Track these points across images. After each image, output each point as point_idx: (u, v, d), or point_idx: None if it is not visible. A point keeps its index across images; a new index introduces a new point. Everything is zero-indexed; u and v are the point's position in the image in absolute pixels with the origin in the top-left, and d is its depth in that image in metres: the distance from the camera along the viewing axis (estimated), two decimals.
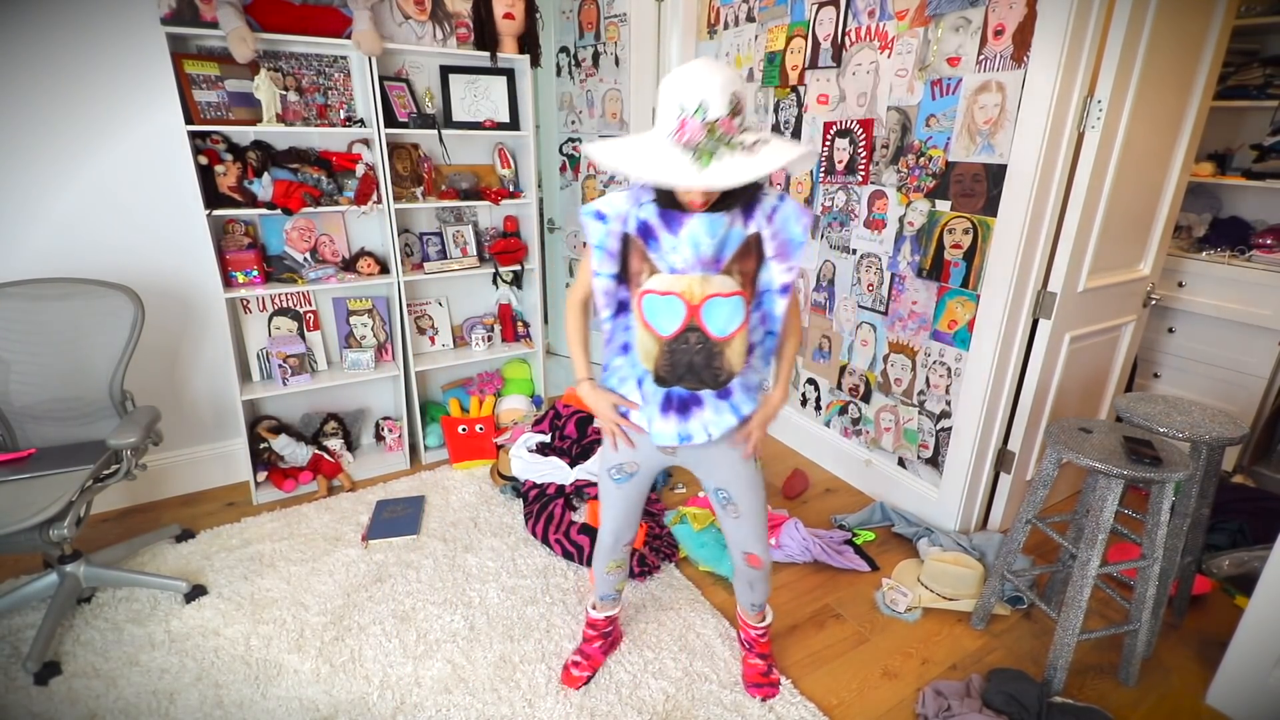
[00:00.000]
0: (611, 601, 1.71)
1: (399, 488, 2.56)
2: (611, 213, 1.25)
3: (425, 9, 2.47)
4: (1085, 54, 1.80)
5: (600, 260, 1.26)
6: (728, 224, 1.21)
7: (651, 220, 1.23)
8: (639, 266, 1.26)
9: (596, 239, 1.26)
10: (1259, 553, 2.04)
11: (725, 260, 1.23)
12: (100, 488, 1.78)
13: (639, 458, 1.46)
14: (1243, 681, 1.61)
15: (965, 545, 2.18)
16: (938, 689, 1.66)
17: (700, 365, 1.24)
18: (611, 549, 1.60)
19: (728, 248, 1.23)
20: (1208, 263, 2.70)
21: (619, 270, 1.28)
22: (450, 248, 2.77)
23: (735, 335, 1.23)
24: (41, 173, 2.08)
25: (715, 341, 1.23)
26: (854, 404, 2.67)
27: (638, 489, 1.52)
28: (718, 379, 1.26)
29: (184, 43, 2.13)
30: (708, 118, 1.10)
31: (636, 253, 1.25)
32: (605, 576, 1.65)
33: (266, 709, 1.60)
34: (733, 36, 2.95)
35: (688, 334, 1.22)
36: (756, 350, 1.33)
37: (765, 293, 1.28)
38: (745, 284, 1.24)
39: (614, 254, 1.26)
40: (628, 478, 1.48)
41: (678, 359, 1.24)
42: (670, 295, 1.21)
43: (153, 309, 2.20)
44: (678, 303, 1.21)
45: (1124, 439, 1.60)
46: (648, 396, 1.35)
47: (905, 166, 2.27)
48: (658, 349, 1.25)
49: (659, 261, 1.24)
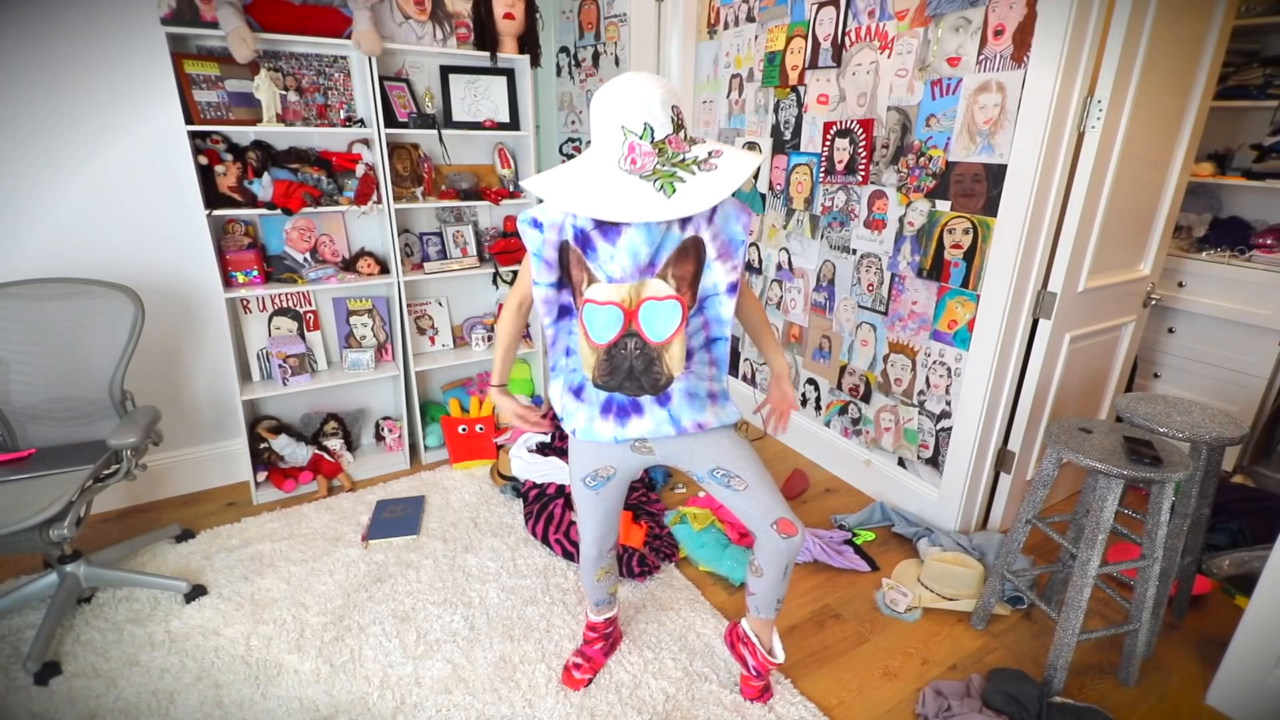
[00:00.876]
0: (607, 605, 1.70)
1: (399, 488, 2.56)
2: (547, 221, 1.23)
3: (425, 9, 2.47)
4: (1085, 54, 1.80)
5: (539, 269, 1.25)
6: (664, 229, 1.20)
7: (587, 229, 1.21)
8: (579, 275, 1.25)
9: (533, 247, 1.24)
10: (1259, 553, 2.04)
11: (660, 265, 1.22)
12: (100, 488, 1.78)
13: (614, 460, 1.41)
14: (1243, 681, 1.61)
15: (965, 545, 2.18)
16: (938, 689, 1.66)
17: (639, 370, 1.25)
18: (596, 559, 1.58)
19: (663, 251, 1.21)
20: (1208, 263, 2.70)
21: (559, 278, 1.26)
22: (450, 248, 2.77)
23: (672, 339, 1.23)
24: (42, 173, 2.08)
25: (652, 346, 1.23)
26: (854, 404, 2.67)
27: (615, 493, 1.48)
28: (657, 384, 1.26)
29: (184, 43, 2.13)
30: (655, 139, 1.09)
31: (576, 261, 1.24)
32: (595, 585, 1.64)
33: (266, 709, 1.60)
34: (733, 36, 2.95)
35: (625, 339, 1.23)
36: (698, 356, 1.30)
37: (709, 297, 1.26)
38: (682, 288, 1.23)
39: (551, 263, 1.25)
40: (603, 483, 1.45)
41: (616, 364, 1.25)
42: (609, 305, 1.22)
43: (153, 309, 2.20)
44: (615, 311, 1.22)
45: (1124, 439, 1.60)
46: (589, 399, 1.33)
47: (905, 166, 2.27)
48: (595, 357, 1.26)
49: (597, 271, 1.22)
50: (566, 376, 1.36)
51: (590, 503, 1.48)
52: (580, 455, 1.43)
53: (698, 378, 1.31)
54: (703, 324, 1.28)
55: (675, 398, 1.30)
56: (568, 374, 1.36)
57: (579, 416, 1.35)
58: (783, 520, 1.36)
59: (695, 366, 1.30)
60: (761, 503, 1.37)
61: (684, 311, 1.23)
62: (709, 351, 1.32)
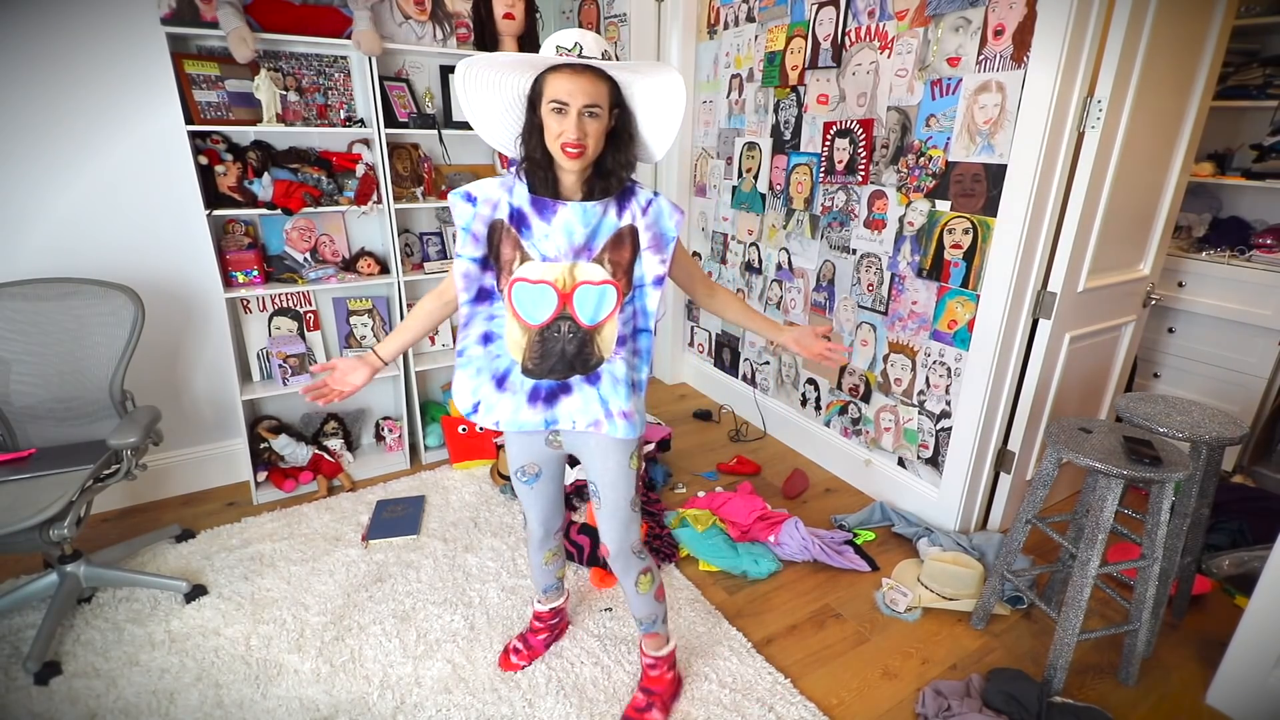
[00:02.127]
0: (555, 592, 1.74)
1: (399, 488, 2.56)
2: (481, 196, 1.24)
3: (425, 9, 2.47)
4: (1085, 54, 1.80)
5: (464, 242, 1.24)
6: (600, 213, 1.22)
7: (525, 207, 1.23)
8: (510, 254, 1.25)
9: (462, 222, 1.24)
10: (1259, 553, 2.04)
11: (597, 249, 1.24)
12: (100, 488, 1.78)
13: (534, 458, 1.46)
14: (1243, 681, 1.61)
15: (965, 545, 2.18)
16: (938, 689, 1.66)
17: (572, 354, 1.27)
18: (542, 541, 1.61)
19: (599, 236, 1.24)
20: (1208, 263, 2.70)
21: (484, 255, 1.26)
22: (450, 248, 2.77)
23: (605, 322, 1.26)
24: (42, 173, 2.08)
25: (585, 330, 1.26)
26: (854, 404, 2.67)
27: (550, 485, 1.52)
28: (588, 364, 1.29)
29: (184, 43, 2.14)
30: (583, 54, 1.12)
31: (509, 240, 1.24)
32: (543, 568, 1.67)
33: (266, 709, 1.60)
34: (733, 36, 2.95)
35: (559, 322, 1.25)
36: (629, 344, 1.32)
37: (639, 287, 1.29)
38: (618, 274, 1.26)
39: (479, 238, 1.24)
40: (534, 479, 1.49)
41: (549, 348, 1.27)
42: (542, 284, 1.23)
43: (153, 309, 2.20)
44: (549, 291, 1.24)
45: (1124, 439, 1.60)
46: (513, 387, 1.33)
47: (905, 166, 2.27)
48: (527, 339, 1.27)
49: (531, 249, 1.24)
50: (485, 364, 1.33)
51: (526, 495, 1.53)
52: (510, 447, 1.47)
53: (625, 363, 1.32)
54: (633, 313, 1.31)
55: (604, 379, 1.31)
56: (489, 361, 1.33)
57: (502, 407, 1.33)
58: (603, 545, 1.48)
59: (623, 353, 1.32)
60: (603, 525, 1.46)
61: (619, 296, 1.26)
62: (634, 341, 1.34)
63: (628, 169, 1.25)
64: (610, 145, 1.22)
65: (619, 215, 1.25)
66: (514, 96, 1.22)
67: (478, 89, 1.21)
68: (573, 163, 1.17)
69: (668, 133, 1.25)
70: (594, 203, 1.22)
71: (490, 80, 1.20)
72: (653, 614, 1.55)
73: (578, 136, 1.15)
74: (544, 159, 1.21)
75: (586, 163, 1.20)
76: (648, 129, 1.25)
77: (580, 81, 1.13)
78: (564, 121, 1.14)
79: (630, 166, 1.25)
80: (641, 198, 1.26)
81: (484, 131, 1.27)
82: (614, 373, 1.31)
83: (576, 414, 1.33)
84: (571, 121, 1.14)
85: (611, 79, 1.17)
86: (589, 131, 1.16)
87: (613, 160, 1.22)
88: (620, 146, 1.23)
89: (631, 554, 1.47)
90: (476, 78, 1.19)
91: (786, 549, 2.16)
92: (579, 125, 1.14)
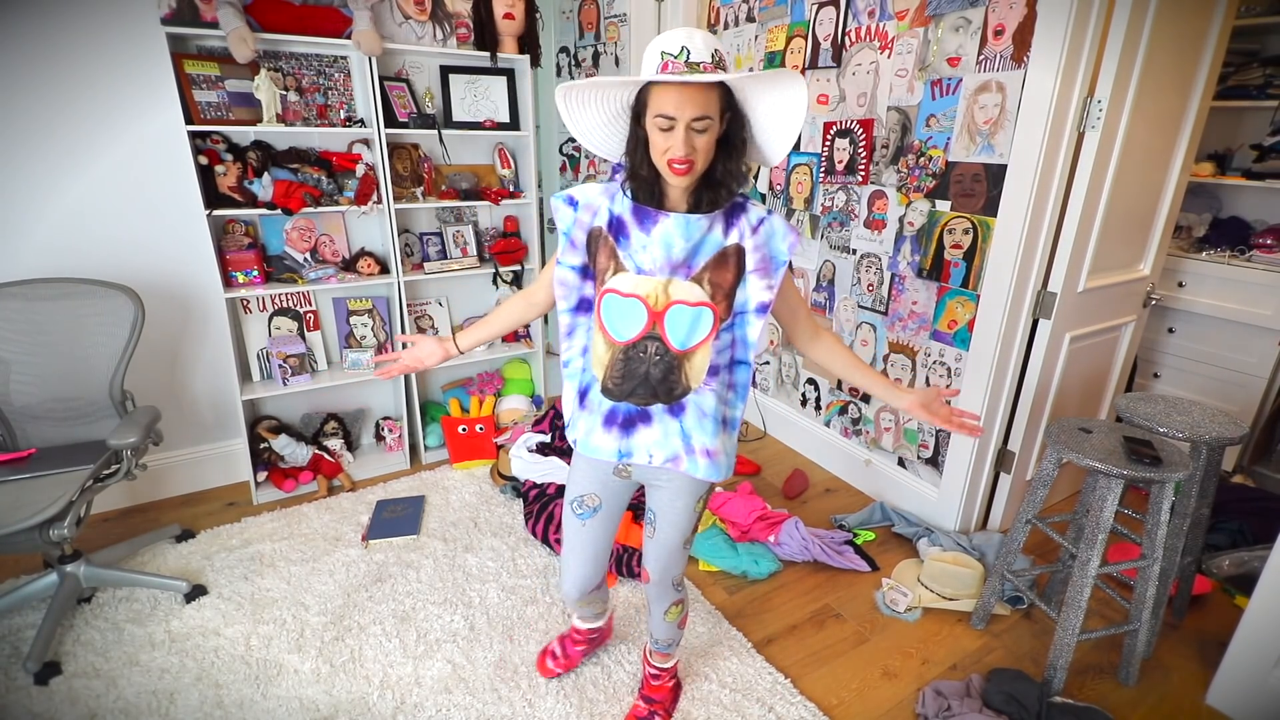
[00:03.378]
0: (594, 616, 1.67)
1: (399, 488, 2.56)
2: (583, 200, 1.18)
3: (425, 9, 2.47)
4: (1085, 54, 1.80)
5: (563, 248, 1.20)
6: (705, 228, 1.13)
7: (625, 215, 1.15)
8: (606, 263, 1.17)
9: (563, 226, 1.19)
10: (1259, 553, 2.04)
11: (697, 267, 1.14)
12: (100, 488, 1.78)
13: (597, 488, 1.32)
14: (1243, 681, 1.61)
15: (965, 545, 2.18)
16: (938, 689, 1.66)
17: (656, 379, 1.17)
18: (575, 602, 1.50)
19: (701, 254, 1.14)
20: (1208, 263, 2.70)
21: (583, 264, 1.21)
22: (450, 248, 2.77)
23: (697, 349, 1.15)
24: (42, 173, 2.08)
25: (674, 354, 1.15)
26: (854, 404, 2.67)
27: (603, 526, 1.37)
28: (672, 393, 1.18)
29: (184, 43, 2.13)
30: (690, 60, 1.02)
31: (605, 249, 1.17)
32: (579, 607, 1.57)
33: (266, 709, 1.60)
34: (733, 36, 2.95)
35: (646, 342, 1.15)
36: (722, 375, 1.21)
37: (740, 314, 1.18)
38: (717, 297, 1.15)
39: (578, 245, 1.19)
40: (590, 513, 1.35)
41: (632, 368, 1.17)
42: (633, 298, 1.14)
43: (153, 309, 2.19)
44: (639, 306, 1.14)
45: (1124, 439, 1.60)
46: (591, 406, 1.24)
47: (905, 166, 2.27)
48: (610, 356, 1.18)
49: (626, 260, 1.15)
50: (578, 377, 1.27)
51: (576, 533, 1.38)
52: (574, 472, 1.36)
53: (715, 396, 1.21)
54: (730, 342, 1.20)
55: (689, 411, 1.20)
56: (580, 374, 1.27)
57: (580, 426, 1.26)
58: (645, 570, 1.42)
59: (715, 385, 1.21)
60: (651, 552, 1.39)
61: (715, 321, 1.15)
62: (730, 374, 1.22)
63: (738, 180, 1.13)
64: (720, 154, 1.11)
65: (725, 232, 1.14)
66: (618, 108, 1.13)
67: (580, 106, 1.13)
68: (681, 179, 1.08)
69: (787, 138, 1.12)
70: (699, 216, 1.12)
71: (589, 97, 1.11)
72: (672, 639, 1.52)
73: (685, 152, 1.04)
74: (650, 174, 1.12)
75: (695, 177, 1.09)
76: (764, 134, 1.13)
77: (688, 92, 1.02)
78: (670, 137, 1.04)
79: (741, 178, 1.14)
80: (753, 215, 1.15)
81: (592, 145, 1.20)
82: (701, 405, 1.20)
83: (654, 447, 1.22)
84: (679, 137, 1.04)
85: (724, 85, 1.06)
86: (698, 146, 1.05)
87: (723, 170, 1.11)
88: (731, 155, 1.11)
89: (671, 586, 1.40)
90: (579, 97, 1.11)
91: (786, 549, 2.16)
92: (687, 140, 1.04)
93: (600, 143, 1.19)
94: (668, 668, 1.59)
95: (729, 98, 1.08)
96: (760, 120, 1.12)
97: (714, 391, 1.20)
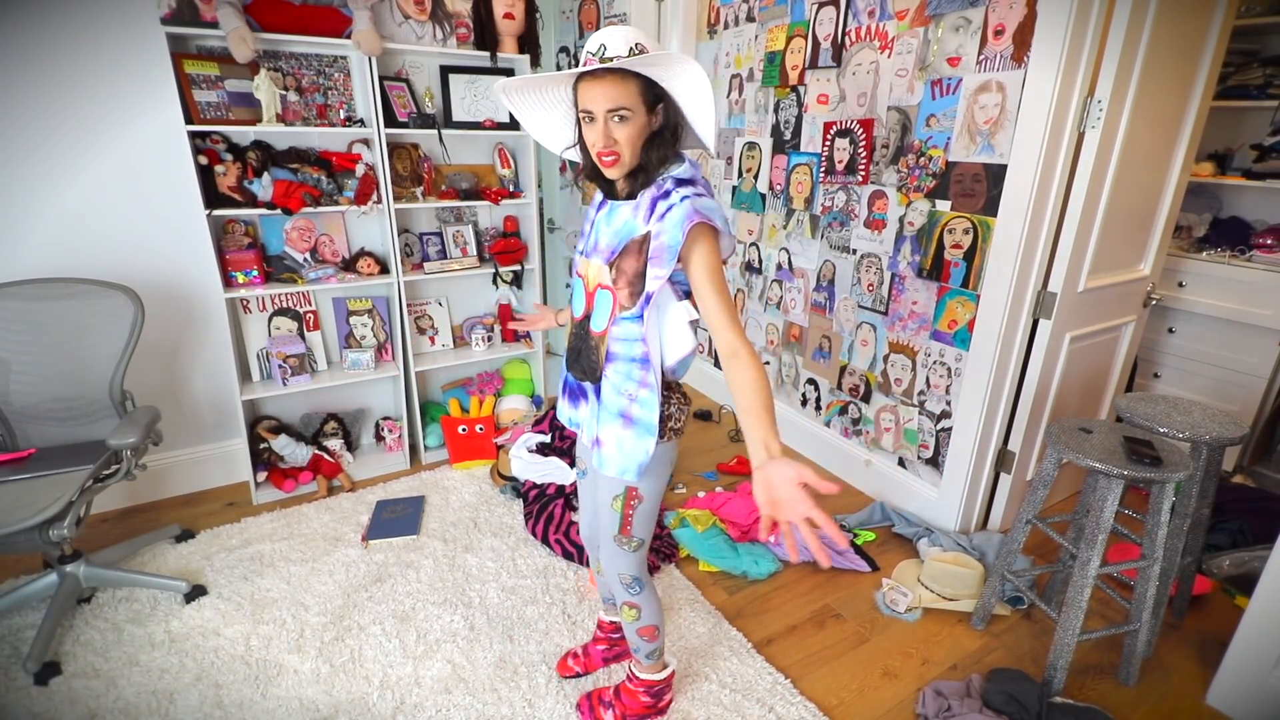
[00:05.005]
0: (613, 605, 1.69)
1: (399, 488, 2.56)
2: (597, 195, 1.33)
3: (425, 9, 2.47)
4: (1085, 54, 1.80)
5: None
6: (630, 214, 1.17)
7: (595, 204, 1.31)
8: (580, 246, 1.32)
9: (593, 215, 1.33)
10: (1259, 553, 2.04)
11: (618, 253, 1.18)
12: (100, 488, 1.78)
13: (582, 453, 1.44)
14: (1243, 681, 1.61)
15: (965, 545, 2.18)
16: (938, 689, 1.66)
17: (586, 357, 1.26)
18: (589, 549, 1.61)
19: (623, 240, 1.18)
20: (1208, 263, 2.70)
21: None
22: (450, 248, 2.77)
23: (604, 334, 1.21)
24: (42, 173, 2.08)
25: (593, 335, 1.24)
26: (854, 404, 2.67)
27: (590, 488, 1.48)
28: (592, 372, 1.25)
29: (184, 43, 2.13)
30: (605, 55, 1.08)
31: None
32: (598, 577, 1.67)
33: (266, 709, 1.59)
34: (733, 36, 2.95)
35: (586, 320, 1.25)
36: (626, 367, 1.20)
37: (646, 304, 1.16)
38: (620, 283, 1.17)
39: None
40: (582, 473, 1.49)
41: (573, 343, 1.29)
42: (578, 277, 1.27)
43: (153, 309, 2.20)
44: (580, 286, 1.26)
45: (1124, 439, 1.60)
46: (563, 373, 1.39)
47: (905, 166, 2.27)
48: (570, 328, 1.32)
49: (582, 243, 1.30)
50: None
51: (580, 487, 1.53)
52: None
53: (613, 387, 1.21)
54: (640, 335, 1.18)
55: (603, 395, 1.24)
56: None
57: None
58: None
59: (616, 376, 1.21)
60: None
61: (614, 305, 1.18)
62: (643, 368, 1.19)
63: (659, 166, 1.16)
64: (652, 143, 1.15)
65: (647, 219, 1.15)
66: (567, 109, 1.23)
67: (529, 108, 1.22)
68: (611, 170, 1.15)
69: (706, 119, 1.16)
70: (620, 203, 1.20)
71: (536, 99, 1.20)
72: (635, 646, 1.48)
73: (605, 144, 1.10)
74: (593, 166, 1.19)
75: (627, 168, 1.14)
76: (692, 119, 1.17)
77: (600, 86, 1.08)
78: (593, 130, 1.11)
79: (659, 163, 1.15)
80: (675, 199, 1.11)
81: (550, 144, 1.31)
82: (605, 391, 1.23)
83: (584, 424, 1.31)
84: (599, 129, 1.10)
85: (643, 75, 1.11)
86: (618, 137, 1.10)
87: (655, 158, 1.15)
88: (660, 143, 1.15)
89: (619, 583, 1.40)
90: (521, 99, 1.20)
91: (786, 549, 2.16)
92: (606, 132, 1.10)
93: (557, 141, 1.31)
94: (641, 678, 1.52)
95: (655, 91, 1.13)
96: (685, 106, 1.16)
97: (610, 381, 1.22)
